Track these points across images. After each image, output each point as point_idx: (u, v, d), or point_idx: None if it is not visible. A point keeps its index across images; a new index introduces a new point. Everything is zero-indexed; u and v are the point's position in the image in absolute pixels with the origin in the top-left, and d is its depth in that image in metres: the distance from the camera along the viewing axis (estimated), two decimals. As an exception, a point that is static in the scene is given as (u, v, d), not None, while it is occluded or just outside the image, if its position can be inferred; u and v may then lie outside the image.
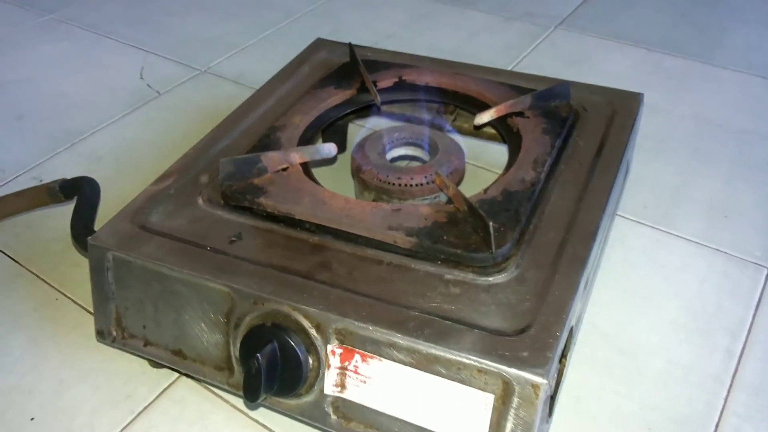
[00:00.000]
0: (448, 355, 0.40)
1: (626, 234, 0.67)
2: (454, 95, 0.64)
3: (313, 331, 0.44)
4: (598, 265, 0.59)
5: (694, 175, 0.74)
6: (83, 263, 0.66)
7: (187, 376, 0.56)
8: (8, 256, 0.68)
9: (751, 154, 0.77)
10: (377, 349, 0.42)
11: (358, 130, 0.74)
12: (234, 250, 0.49)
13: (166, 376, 0.56)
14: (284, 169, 0.54)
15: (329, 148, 0.55)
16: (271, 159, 0.54)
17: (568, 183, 0.53)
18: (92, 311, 0.60)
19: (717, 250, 0.66)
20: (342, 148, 0.72)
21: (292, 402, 0.46)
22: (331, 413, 0.45)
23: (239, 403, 0.54)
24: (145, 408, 0.54)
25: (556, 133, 0.57)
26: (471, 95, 0.63)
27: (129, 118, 0.87)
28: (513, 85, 0.63)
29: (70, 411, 0.54)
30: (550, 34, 1.01)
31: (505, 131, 0.60)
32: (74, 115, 0.87)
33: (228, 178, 0.52)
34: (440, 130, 0.62)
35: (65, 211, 0.70)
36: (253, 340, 0.44)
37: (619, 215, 0.69)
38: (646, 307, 0.60)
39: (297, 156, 0.54)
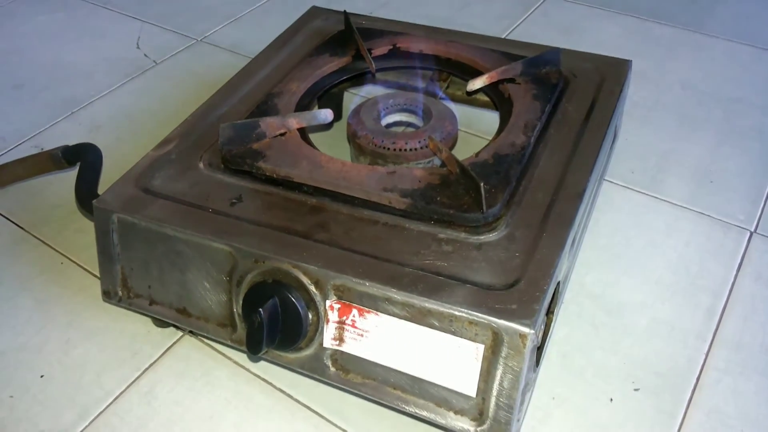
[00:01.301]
0: (441, 308, 0.43)
1: (614, 198, 0.69)
2: (447, 62, 0.66)
3: (312, 288, 0.46)
4: (586, 226, 0.61)
5: (682, 142, 0.76)
6: (87, 228, 0.67)
7: (191, 333, 0.58)
8: (13, 222, 0.69)
9: (737, 121, 0.79)
10: (374, 303, 0.44)
11: (353, 98, 0.76)
12: (235, 211, 0.51)
13: (170, 335, 0.58)
14: (282, 135, 0.56)
15: (326, 114, 0.57)
16: (269, 124, 0.55)
17: (556, 147, 0.55)
18: (97, 274, 0.62)
19: (702, 213, 0.68)
20: (338, 115, 0.74)
21: (292, 355, 0.48)
22: (330, 366, 0.48)
23: (242, 358, 0.56)
24: (151, 365, 0.56)
25: (546, 98, 0.59)
26: (463, 62, 0.65)
27: (126, 86, 0.88)
28: (504, 52, 0.65)
29: (78, 368, 0.56)
30: (542, 3, 1.02)
31: (496, 97, 0.61)
32: (72, 85, 0.88)
33: (228, 142, 0.54)
34: (434, 97, 0.64)
35: (67, 177, 0.72)
36: (254, 296, 0.46)
37: (608, 180, 0.71)
38: (632, 268, 0.63)
39: (294, 121, 0.56)
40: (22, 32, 0.99)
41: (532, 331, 0.41)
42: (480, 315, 0.42)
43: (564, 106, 0.60)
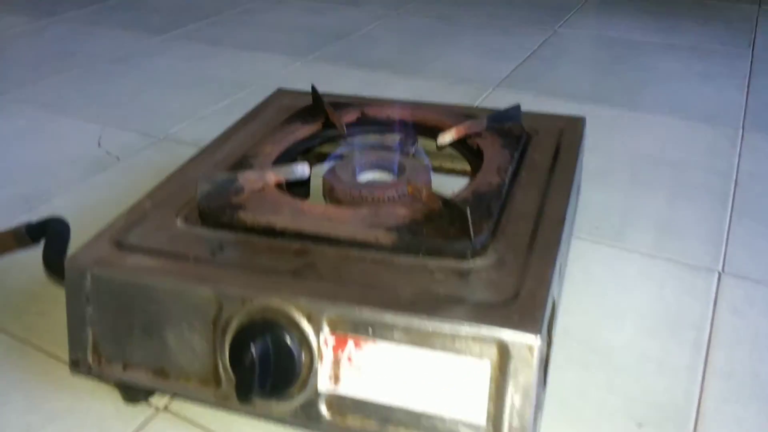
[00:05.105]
0: (442, 326, 0.41)
1: (584, 252, 0.71)
2: (414, 126, 0.68)
3: (304, 322, 0.44)
4: (565, 265, 0.62)
5: (638, 199, 0.80)
6: (48, 312, 0.64)
7: (166, 409, 0.54)
8: (-35, 311, 0.65)
9: (686, 179, 0.84)
10: (370, 331, 0.43)
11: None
12: (217, 260, 0.49)
13: (142, 411, 0.54)
14: (260, 190, 0.55)
15: (303, 168, 0.57)
16: (247, 179, 0.55)
17: (530, 186, 0.57)
18: (61, 356, 0.58)
19: (670, 259, 0.70)
20: (307, 193, 0.74)
21: (283, 406, 0.45)
22: (325, 412, 0.45)
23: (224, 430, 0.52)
24: (122, 443, 0.51)
25: (513, 147, 0.61)
26: (431, 124, 0.67)
27: (89, 182, 0.87)
28: (467, 114, 0.68)
29: (40, 453, 0.51)
30: (490, 94, 1.09)
31: (466, 150, 0.63)
32: (32, 182, 0.87)
33: (206, 197, 0.53)
34: (406, 155, 0.65)
35: (26, 260, 0.69)
36: (243, 338, 0.44)
37: (576, 237, 0.73)
38: (612, 312, 0.63)
39: (272, 175, 0.56)
40: (-22, 139, 0.98)
41: (539, 340, 0.40)
42: (484, 328, 0.40)
43: (530, 155, 0.62)
